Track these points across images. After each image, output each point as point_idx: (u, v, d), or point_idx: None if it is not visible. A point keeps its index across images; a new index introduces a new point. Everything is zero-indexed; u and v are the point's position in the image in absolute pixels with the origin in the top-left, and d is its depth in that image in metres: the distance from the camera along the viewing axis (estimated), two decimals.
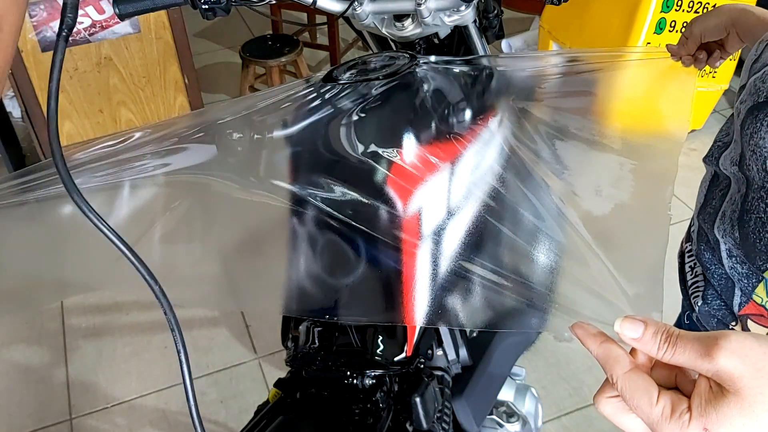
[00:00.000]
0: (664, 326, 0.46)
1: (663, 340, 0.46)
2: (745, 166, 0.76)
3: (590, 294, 0.74)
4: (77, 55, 2.42)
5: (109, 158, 0.86)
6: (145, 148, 0.87)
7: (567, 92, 0.96)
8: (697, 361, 0.44)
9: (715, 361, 0.43)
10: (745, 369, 0.42)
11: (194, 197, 0.89)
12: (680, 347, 0.45)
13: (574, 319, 0.53)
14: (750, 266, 0.78)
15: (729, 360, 0.42)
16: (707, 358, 0.43)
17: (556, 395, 1.89)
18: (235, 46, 3.39)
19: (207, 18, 0.90)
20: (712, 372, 0.43)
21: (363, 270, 0.86)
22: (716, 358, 0.43)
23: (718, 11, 0.93)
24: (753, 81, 0.75)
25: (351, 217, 0.82)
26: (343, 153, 0.85)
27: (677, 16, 2.46)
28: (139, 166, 0.87)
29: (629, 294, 0.71)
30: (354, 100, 0.88)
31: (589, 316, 0.71)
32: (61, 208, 0.86)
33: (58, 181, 0.83)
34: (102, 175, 0.86)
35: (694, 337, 0.45)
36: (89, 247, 0.90)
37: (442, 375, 0.99)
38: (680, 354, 0.45)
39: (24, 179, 0.84)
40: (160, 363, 2.06)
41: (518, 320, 0.79)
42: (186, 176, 0.87)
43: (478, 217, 0.83)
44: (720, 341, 0.43)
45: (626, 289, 0.72)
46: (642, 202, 0.86)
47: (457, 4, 0.94)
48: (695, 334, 0.45)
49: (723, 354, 0.42)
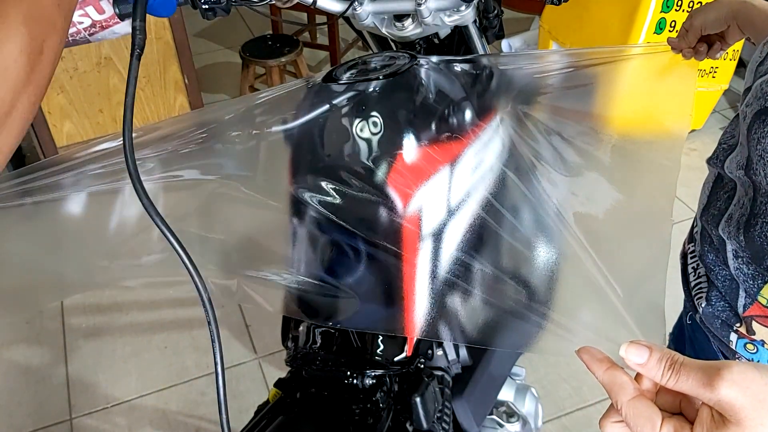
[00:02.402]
0: (669, 353, 0.47)
1: (667, 367, 0.46)
2: (752, 171, 0.75)
3: (590, 311, 0.74)
4: (77, 55, 2.42)
5: (109, 160, 0.86)
6: (144, 150, 0.86)
7: (568, 90, 0.95)
8: (699, 389, 0.44)
9: (717, 391, 0.43)
10: (746, 400, 0.43)
11: (193, 200, 0.89)
12: (683, 375, 0.45)
13: (573, 336, 0.53)
14: (756, 267, 0.78)
15: (730, 390, 0.43)
16: (709, 388, 0.44)
17: (556, 395, 1.89)
18: (235, 46, 3.39)
19: (207, 18, 0.89)
20: (714, 401, 0.44)
21: (363, 277, 0.86)
22: (718, 388, 0.43)
23: (719, 3, 0.92)
24: (759, 84, 0.74)
25: (350, 221, 0.82)
26: (343, 154, 0.85)
27: (677, 16, 2.46)
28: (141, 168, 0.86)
29: (631, 318, 0.71)
30: (354, 101, 0.88)
31: (590, 338, 0.71)
32: (62, 208, 0.86)
33: (59, 182, 0.83)
34: (103, 179, 0.86)
35: (697, 366, 0.45)
36: (89, 247, 0.90)
37: (442, 375, 0.99)
38: (683, 382, 0.45)
39: (24, 179, 0.84)
40: (160, 363, 2.06)
41: (517, 337, 0.79)
42: (185, 180, 0.86)
43: (479, 223, 0.83)
44: (722, 371, 0.43)
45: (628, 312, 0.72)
46: (644, 206, 0.86)
47: (457, 4, 0.94)
48: (699, 363, 0.45)
49: (725, 384, 0.43)
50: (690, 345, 1.00)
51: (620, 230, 0.82)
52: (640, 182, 0.89)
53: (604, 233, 0.80)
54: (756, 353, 0.83)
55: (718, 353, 0.90)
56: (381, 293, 0.87)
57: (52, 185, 0.84)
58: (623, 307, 0.72)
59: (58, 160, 0.84)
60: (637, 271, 0.76)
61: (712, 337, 0.90)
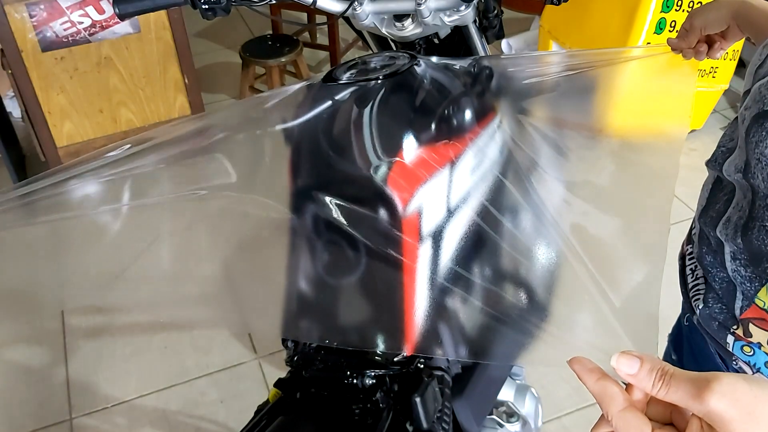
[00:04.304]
0: (660, 364, 0.47)
1: (657, 378, 0.46)
2: (750, 175, 0.75)
3: (583, 320, 0.74)
4: (77, 55, 2.42)
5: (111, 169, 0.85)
6: (147, 158, 0.86)
7: (567, 91, 0.95)
8: (689, 401, 0.45)
9: (706, 403, 0.43)
10: (735, 412, 0.43)
11: (194, 214, 0.89)
12: (674, 386, 0.46)
13: (565, 346, 0.53)
14: (754, 269, 0.78)
15: (720, 403, 0.43)
16: (699, 400, 0.44)
17: (556, 395, 1.89)
18: (235, 46, 3.39)
19: (207, 18, 0.90)
20: (704, 413, 0.44)
21: (361, 280, 0.86)
22: (707, 401, 0.43)
23: (718, 3, 0.93)
24: (758, 87, 0.74)
25: (349, 224, 0.82)
26: (342, 155, 0.85)
27: (677, 16, 2.45)
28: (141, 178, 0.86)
29: (624, 328, 0.71)
30: (354, 101, 0.88)
31: (582, 347, 0.71)
32: (64, 223, 0.85)
33: (59, 193, 0.82)
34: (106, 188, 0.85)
35: (687, 377, 0.45)
36: (90, 262, 0.90)
37: (442, 375, 0.99)
38: (673, 393, 0.45)
39: (25, 191, 0.83)
40: (160, 363, 2.06)
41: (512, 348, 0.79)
42: (187, 193, 0.86)
43: (475, 229, 0.82)
44: (712, 383, 0.44)
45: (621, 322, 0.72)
46: (641, 214, 0.85)
47: (457, 4, 0.94)
48: (689, 374, 0.46)
49: (714, 397, 0.43)
50: (687, 346, 1.00)
51: (616, 239, 0.82)
52: (638, 188, 0.89)
53: (600, 241, 0.80)
54: (753, 355, 0.82)
55: (715, 355, 0.90)
56: (379, 300, 0.87)
57: (56, 200, 0.83)
58: (616, 316, 0.72)
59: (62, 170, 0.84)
60: (632, 280, 0.76)
61: (709, 339, 0.90)
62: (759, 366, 0.82)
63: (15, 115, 3.05)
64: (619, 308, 0.73)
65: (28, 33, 2.31)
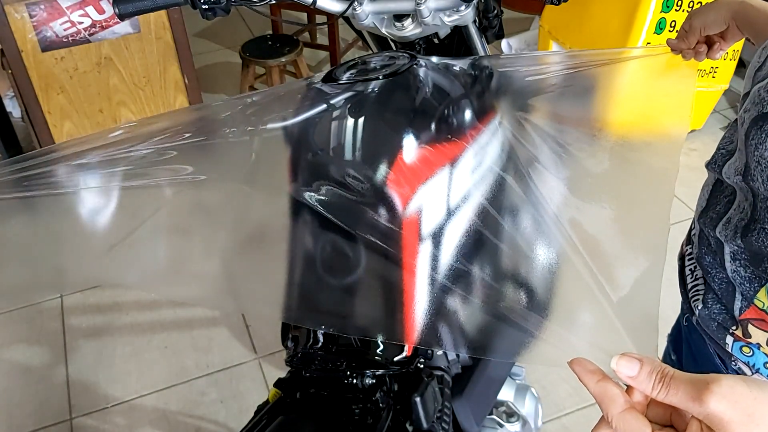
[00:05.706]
0: (660, 366, 0.47)
1: (657, 380, 0.47)
2: (749, 177, 0.74)
3: (584, 320, 0.74)
4: (77, 55, 2.42)
5: (108, 152, 0.86)
6: (144, 144, 0.86)
7: (567, 91, 0.95)
8: (689, 403, 0.45)
9: (706, 405, 0.43)
10: (734, 414, 0.43)
11: (194, 196, 0.89)
12: (673, 388, 0.46)
13: (566, 346, 0.53)
14: (754, 270, 0.78)
15: (719, 405, 0.43)
16: (698, 401, 0.44)
17: (556, 395, 1.89)
18: (235, 46, 3.39)
19: (207, 18, 0.90)
20: (703, 415, 0.44)
21: (361, 277, 0.86)
22: (706, 402, 0.43)
23: (718, 4, 0.93)
24: (757, 90, 0.73)
25: (349, 221, 0.82)
26: (342, 154, 0.85)
27: (677, 16, 2.46)
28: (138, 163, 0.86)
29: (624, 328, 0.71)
30: (354, 101, 0.88)
31: (582, 346, 0.71)
32: (59, 201, 0.85)
33: (56, 172, 0.82)
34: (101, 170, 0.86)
35: (687, 379, 0.46)
36: (85, 240, 0.90)
37: (442, 375, 0.99)
38: (673, 395, 0.46)
39: (19, 166, 0.83)
40: (160, 363, 2.06)
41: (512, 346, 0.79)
42: (185, 176, 0.86)
43: (476, 228, 0.82)
44: (711, 385, 0.44)
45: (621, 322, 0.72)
46: (641, 213, 0.85)
47: (457, 4, 0.94)
48: (689, 376, 0.46)
49: (713, 399, 0.43)
50: (687, 347, 1.00)
51: (617, 238, 0.82)
52: (638, 188, 0.88)
53: (601, 241, 0.80)
54: (752, 356, 0.82)
55: (714, 356, 0.90)
56: (380, 294, 0.88)
57: (51, 177, 0.83)
58: (617, 317, 0.72)
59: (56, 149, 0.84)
60: (633, 280, 0.76)
61: (708, 340, 0.90)
62: (758, 366, 0.82)
63: (15, 115, 3.05)
64: (619, 307, 0.73)
65: (28, 33, 2.31)
